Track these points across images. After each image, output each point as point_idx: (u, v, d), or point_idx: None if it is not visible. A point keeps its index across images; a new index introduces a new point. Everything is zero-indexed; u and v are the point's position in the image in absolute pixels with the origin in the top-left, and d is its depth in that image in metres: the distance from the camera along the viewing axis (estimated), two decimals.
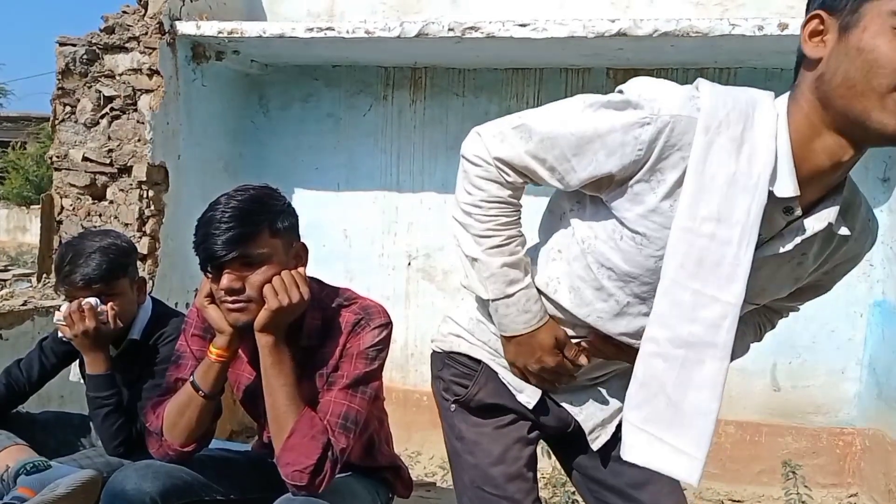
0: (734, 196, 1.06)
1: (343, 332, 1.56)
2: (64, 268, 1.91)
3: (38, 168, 17.56)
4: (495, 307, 1.30)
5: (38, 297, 3.16)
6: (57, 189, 3.55)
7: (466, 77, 4.12)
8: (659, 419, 1.13)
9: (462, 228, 1.29)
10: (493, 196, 1.24)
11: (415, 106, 4.21)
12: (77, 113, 3.50)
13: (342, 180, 4.32)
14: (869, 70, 0.96)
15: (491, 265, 1.26)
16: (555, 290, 1.29)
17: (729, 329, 1.09)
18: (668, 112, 1.07)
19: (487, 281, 1.28)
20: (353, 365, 1.54)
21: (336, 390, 1.52)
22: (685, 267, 1.09)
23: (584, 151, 1.14)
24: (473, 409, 1.42)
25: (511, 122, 1.22)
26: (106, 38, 3.48)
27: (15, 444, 1.99)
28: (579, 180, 1.17)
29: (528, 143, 1.19)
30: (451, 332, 1.47)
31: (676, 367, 1.11)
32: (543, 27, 3.23)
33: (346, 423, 1.50)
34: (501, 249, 1.26)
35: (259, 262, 1.47)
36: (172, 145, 3.63)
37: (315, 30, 3.46)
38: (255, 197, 1.51)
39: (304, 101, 4.32)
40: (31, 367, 2.13)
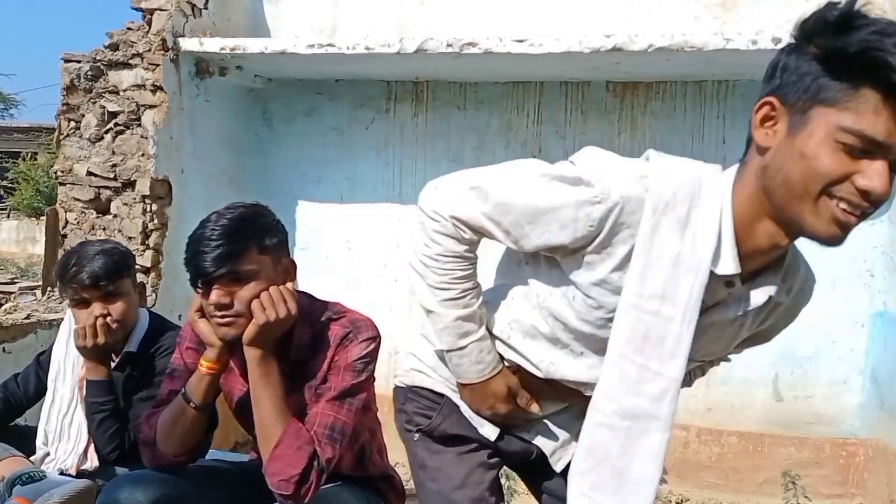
0: (678, 275, 1.11)
1: (331, 346, 1.58)
2: (70, 269, 1.95)
3: (48, 179, 17.66)
4: (449, 357, 1.33)
5: (41, 310, 3.20)
6: (62, 203, 3.60)
7: (468, 90, 4.15)
8: (604, 486, 1.18)
9: (419, 278, 1.30)
10: (449, 251, 1.26)
11: (417, 119, 4.25)
12: (82, 128, 3.56)
13: (345, 192, 4.36)
14: (808, 177, 1.00)
15: (445, 318, 1.29)
16: (508, 335, 1.32)
17: (671, 402, 1.15)
18: (619, 193, 1.11)
19: (441, 332, 1.31)
20: (340, 377, 1.56)
21: (323, 402, 1.54)
22: (632, 342, 1.14)
23: (537, 221, 1.17)
24: (436, 438, 1.44)
25: (468, 181, 1.24)
26: (110, 55, 3.54)
27: (11, 456, 2.03)
28: (533, 246, 1.21)
29: (483, 204, 1.21)
30: (414, 368, 1.48)
31: (622, 437, 1.17)
32: (540, 43, 3.26)
33: (333, 433, 1.52)
34: (456, 302, 1.29)
35: (247, 278, 1.51)
36: (176, 160, 3.68)
37: (316, 46, 3.50)
38: (243, 215, 1.55)
39: (307, 114, 4.36)
40: (27, 381, 2.17)
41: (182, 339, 1.74)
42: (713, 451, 3.89)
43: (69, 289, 1.97)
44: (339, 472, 1.64)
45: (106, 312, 1.97)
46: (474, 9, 3.97)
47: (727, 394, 3.89)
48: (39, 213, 17.19)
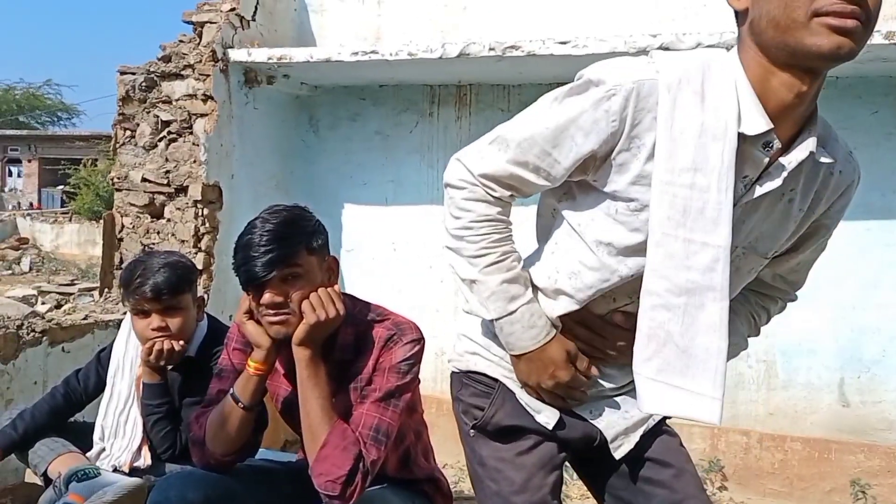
0: (706, 145, 1.11)
1: (376, 347, 1.61)
2: (135, 280, 2.01)
3: (108, 184, 18.27)
4: (500, 326, 1.29)
5: (98, 311, 3.32)
6: (118, 208, 3.74)
7: (511, 93, 4.16)
8: (672, 368, 1.16)
9: (455, 254, 1.30)
10: (482, 215, 1.26)
11: (460, 122, 4.27)
12: (137, 136, 3.69)
13: (390, 195, 4.41)
14: (788, 5, 1.03)
15: (489, 284, 1.26)
16: (555, 280, 1.29)
17: (723, 271, 1.13)
18: (630, 79, 1.13)
19: (488, 301, 1.27)
20: (385, 378, 1.59)
21: (368, 403, 1.57)
22: (671, 218, 1.13)
23: (561, 140, 1.18)
24: (492, 434, 1.39)
25: (486, 139, 1.27)
26: (163, 66, 3.66)
27: (69, 452, 2.11)
28: (565, 169, 1.20)
29: (506, 152, 1.23)
30: (467, 350, 1.45)
31: (679, 314, 1.15)
32: (584, 44, 3.25)
33: (378, 435, 1.54)
34: (498, 266, 1.26)
35: (297, 279, 1.56)
36: (226, 166, 3.79)
37: (360, 53, 3.56)
38: (288, 219, 1.59)
39: (352, 119, 4.43)
40: (88, 377, 2.24)
41: (229, 340, 1.79)
42: (776, 458, 3.78)
43: (132, 298, 2.04)
44: (383, 473, 1.66)
45: (164, 325, 2.02)
46: (517, 12, 3.98)
47: (790, 398, 3.79)
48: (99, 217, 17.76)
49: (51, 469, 2.06)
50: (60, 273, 14.02)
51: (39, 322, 2.86)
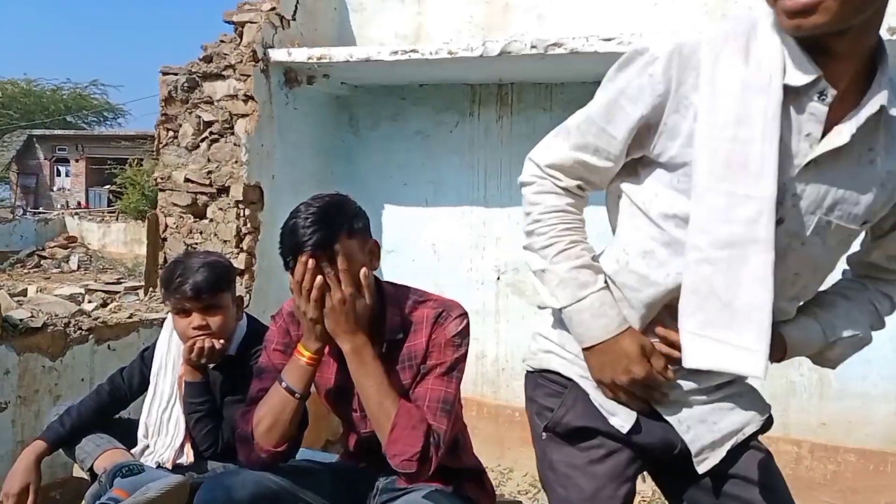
0: (748, 98, 1.10)
1: (425, 326, 1.67)
2: (175, 280, 2.03)
3: (153, 184, 18.62)
4: (569, 316, 1.27)
5: (143, 309, 3.37)
6: (162, 208, 3.79)
7: (553, 92, 4.10)
8: (715, 322, 1.15)
9: (529, 251, 1.31)
10: (550, 206, 1.28)
11: (501, 122, 4.23)
12: (179, 137, 3.74)
13: (430, 196, 4.38)
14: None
15: (558, 271, 1.26)
16: (626, 261, 1.27)
17: (767, 223, 1.11)
18: (672, 41, 1.15)
19: (557, 289, 1.27)
20: (442, 353, 1.65)
21: (432, 378, 1.64)
22: (713, 172, 1.12)
23: (614, 114, 1.20)
24: (563, 436, 1.36)
25: (553, 132, 1.32)
26: (205, 67, 3.69)
27: (114, 448, 2.14)
28: (621, 143, 1.21)
29: (568, 139, 1.27)
30: (541, 349, 1.43)
31: (723, 268, 1.13)
32: (628, 41, 3.18)
33: (445, 406, 1.61)
34: (567, 254, 1.26)
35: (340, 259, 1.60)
36: (267, 166, 3.81)
37: (400, 52, 3.55)
38: (331, 203, 1.63)
39: (392, 119, 4.42)
40: (132, 375, 2.27)
41: (269, 341, 1.80)
42: (828, 469, 3.65)
43: (172, 298, 2.06)
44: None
45: (205, 324, 2.04)
46: (559, 9, 3.92)
47: (844, 409, 3.65)
48: (145, 216, 18.14)
49: (96, 465, 2.09)
50: (107, 271, 14.36)
51: (86, 320, 2.91)
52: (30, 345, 2.71)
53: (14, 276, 12.87)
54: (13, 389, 2.69)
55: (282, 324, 1.79)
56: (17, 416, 2.72)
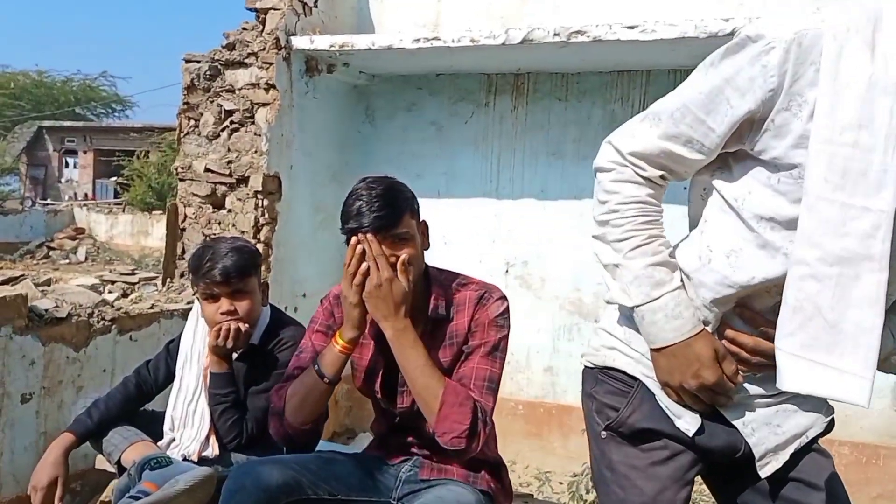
0: (873, 99, 1.01)
1: (468, 307, 1.72)
2: (204, 265, 2.04)
3: (159, 176, 18.73)
4: (641, 315, 1.20)
5: (163, 300, 3.36)
6: (181, 198, 3.77)
7: (570, 81, 4.07)
8: (818, 343, 1.07)
9: (599, 242, 1.23)
10: (629, 197, 1.19)
11: (516, 112, 4.20)
12: (200, 126, 3.71)
13: (442, 187, 4.35)
14: None
15: (633, 268, 1.18)
16: (709, 259, 1.20)
17: (884, 239, 1.03)
18: (792, 30, 1.05)
19: (631, 286, 1.19)
20: (486, 333, 1.70)
21: (477, 357, 1.68)
22: (829, 180, 1.04)
23: (715, 105, 1.11)
24: (626, 436, 1.30)
25: (638, 117, 1.22)
26: (227, 55, 3.67)
27: (141, 440, 2.14)
28: (719, 137, 1.13)
29: (657, 126, 1.17)
30: (605, 345, 1.35)
31: (831, 286, 1.06)
32: (652, 28, 3.15)
33: (491, 384, 1.65)
34: (643, 249, 1.18)
35: (405, 241, 1.66)
36: (286, 156, 3.79)
37: (422, 40, 3.52)
38: (392, 184, 1.69)
39: (408, 109, 4.39)
40: (157, 367, 2.27)
41: (313, 321, 1.87)
42: None
43: (201, 283, 2.05)
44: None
45: (233, 309, 2.04)
46: None
47: (841, 403, 3.64)
48: (151, 208, 18.23)
49: (124, 457, 2.08)
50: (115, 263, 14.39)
51: (109, 310, 2.90)
52: (55, 335, 2.69)
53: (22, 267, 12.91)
54: (38, 380, 2.68)
55: (328, 305, 1.85)
56: (40, 407, 2.71)
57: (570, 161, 4.03)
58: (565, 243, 4.01)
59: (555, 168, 4.07)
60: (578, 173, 3.98)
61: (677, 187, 1.43)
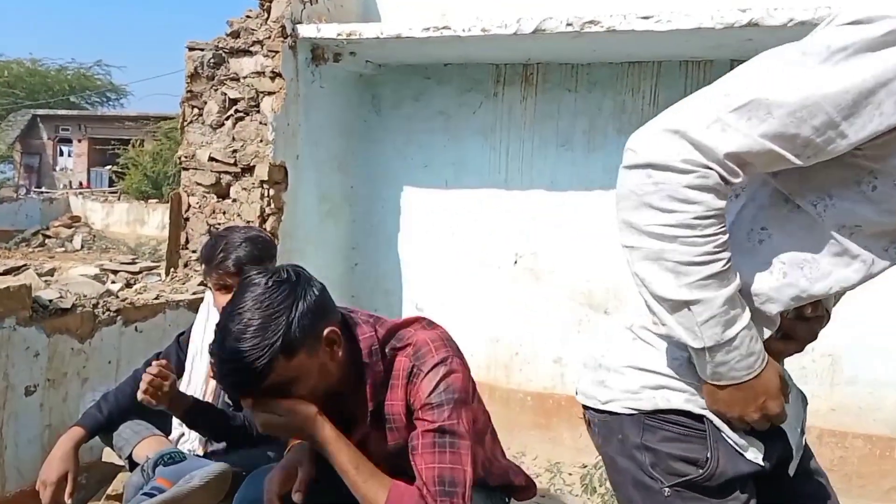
0: None
1: (401, 382, 1.48)
2: (217, 255, 2.01)
3: (154, 164, 18.61)
4: (710, 356, 1.02)
5: (168, 290, 3.31)
6: (185, 188, 3.71)
7: (580, 72, 4.01)
8: None
9: (651, 263, 0.99)
10: (711, 209, 0.95)
11: (525, 102, 4.15)
12: (204, 115, 3.65)
13: (450, 178, 4.31)
14: None
15: (712, 304, 0.98)
16: (783, 273, 1.04)
17: None
18: None
19: (704, 326, 0.99)
20: (422, 423, 1.44)
21: (420, 455, 1.42)
22: None
23: (861, 109, 0.91)
24: (711, 490, 1.11)
25: (724, 104, 0.96)
26: (232, 43, 3.60)
27: (153, 435, 2.11)
28: (847, 146, 0.94)
29: (764, 123, 0.93)
30: (647, 385, 1.14)
31: None
32: (668, 19, 3.09)
33: (445, 486, 1.39)
34: (721, 279, 0.98)
35: (284, 390, 1.37)
36: (292, 145, 3.73)
37: (431, 29, 3.45)
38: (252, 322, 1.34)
39: (415, 99, 4.33)
40: (168, 360, 2.22)
41: None
42: (835, 455, 3.63)
43: (214, 273, 2.01)
44: None
45: None
46: None
47: (853, 394, 3.62)
48: (147, 197, 18.13)
49: (136, 453, 2.05)
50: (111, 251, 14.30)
51: (114, 301, 2.85)
52: (59, 326, 2.65)
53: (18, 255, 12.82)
54: (42, 372, 2.63)
55: None
56: (45, 400, 2.67)
57: (579, 153, 3.99)
58: (575, 235, 3.97)
59: (564, 158, 4.02)
60: (588, 164, 3.94)
61: None
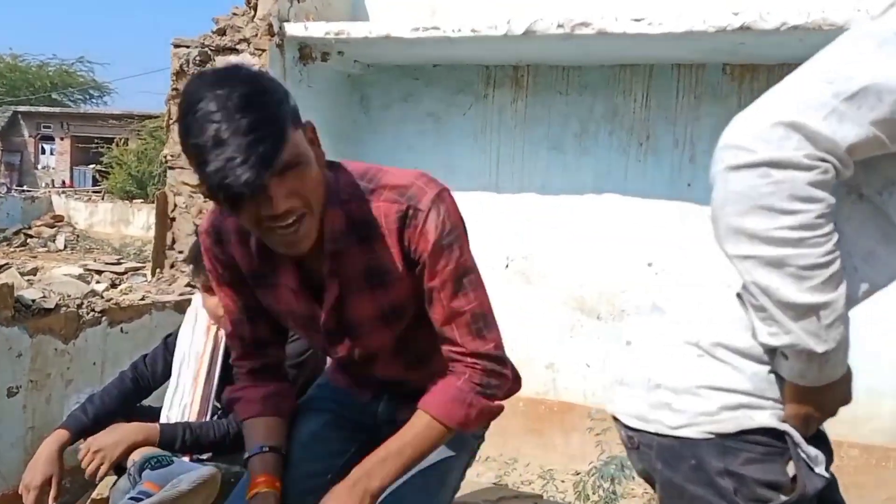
0: None
1: (388, 232, 1.31)
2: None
3: (139, 164, 18.46)
4: (827, 358, 0.97)
5: (154, 291, 3.26)
6: (171, 187, 3.66)
7: (571, 74, 4.00)
8: None
9: (771, 270, 0.91)
10: (829, 206, 0.90)
11: (516, 105, 4.13)
12: None
13: (440, 180, 4.28)
14: None
15: (837, 305, 0.93)
16: (854, 267, 1.00)
17: None
18: None
19: (830, 328, 0.94)
20: (436, 268, 1.32)
21: (445, 304, 1.34)
22: None
23: None
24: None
25: (834, 91, 0.90)
26: (218, 40, 3.56)
27: None
28: None
29: (875, 110, 0.88)
30: (726, 406, 1.05)
31: None
32: (659, 21, 3.09)
33: (478, 324, 1.35)
34: (841, 278, 0.94)
35: (298, 167, 1.21)
36: None
37: (420, 29, 3.43)
38: (254, 90, 1.17)
39: (404, 100, 4.30)
40: (155, 362, 2.20)
41: (212, 239, 1.49)
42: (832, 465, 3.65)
43: (202, 274, 1.97)
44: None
45: None
46: None
47: (850, 404, 3.64)
48: (132, 197, 17.97)
49: None
50: (95, 251, 14.16)
51: (99, 301, 2.80)
52: (42, 326, 2.60)
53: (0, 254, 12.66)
54: (25, 373, 2.59)
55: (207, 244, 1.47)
56: (28, 401, 2.62)
57: (571, 155, 3.98)
58: (567, 238, 3.96)
59: (555, 161, 4.01)
60: (580, 167, 3.93)
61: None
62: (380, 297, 1.37)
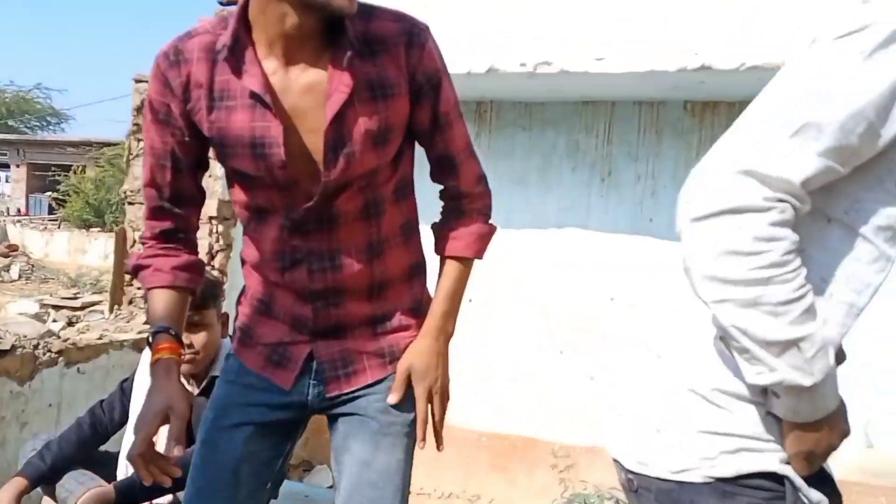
0: None
1: (396, 48, 1.30)
2: None
3: (97, 192, 18.12)
4: (816, 391, 0.97)
5: (112, 329, 3.19)
6: (130, 223, 3.61)
7: (534, 110, 4.07)
8: None
9: (748, 310, 0.93)
10: (794, 243, 0.92)
11: (479, 140, 4.18)
12: None
13: None
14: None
15: (816, 336, 0.94)
16: (829, 293, 1.01)
17: None
18: None
19: (814, 360, 0.94)
20: (442, 87, 1.36)
21: (453, 129, 1.43)
22: None
23: (890, 109, 0.91)
24: None
25: (780, 132, 0.93)
26: None
27: (97, 485, 2.01)
28: (881, 147, 0.94)
29: (818, 141, 0.92)
30: (724, 450, 1.05)
31: None
32: (621, 61, 3.17)
33: (471, 144, 1.49)
34: (813, 310, 0.95)
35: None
36: None
37: None
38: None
39: None
40: (112, 408, 2.17)
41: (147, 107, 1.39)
42: None
43: None
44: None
45: (189, 342, 1.96)
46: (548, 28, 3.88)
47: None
48: (89, 225, 17.60)
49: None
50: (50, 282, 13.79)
51: (56, 342, 2.73)
52: None
53: None
54: None
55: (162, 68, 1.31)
56: None
57: (534, 190, 4.02)
58: (531, 273, 3.98)
59: (518, 196, 4.05)
60: (544, 203, 3.97)
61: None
62: (380, 110, 1.33)
